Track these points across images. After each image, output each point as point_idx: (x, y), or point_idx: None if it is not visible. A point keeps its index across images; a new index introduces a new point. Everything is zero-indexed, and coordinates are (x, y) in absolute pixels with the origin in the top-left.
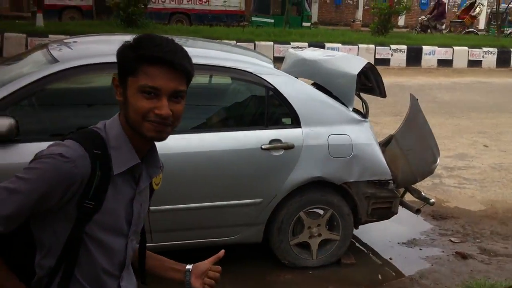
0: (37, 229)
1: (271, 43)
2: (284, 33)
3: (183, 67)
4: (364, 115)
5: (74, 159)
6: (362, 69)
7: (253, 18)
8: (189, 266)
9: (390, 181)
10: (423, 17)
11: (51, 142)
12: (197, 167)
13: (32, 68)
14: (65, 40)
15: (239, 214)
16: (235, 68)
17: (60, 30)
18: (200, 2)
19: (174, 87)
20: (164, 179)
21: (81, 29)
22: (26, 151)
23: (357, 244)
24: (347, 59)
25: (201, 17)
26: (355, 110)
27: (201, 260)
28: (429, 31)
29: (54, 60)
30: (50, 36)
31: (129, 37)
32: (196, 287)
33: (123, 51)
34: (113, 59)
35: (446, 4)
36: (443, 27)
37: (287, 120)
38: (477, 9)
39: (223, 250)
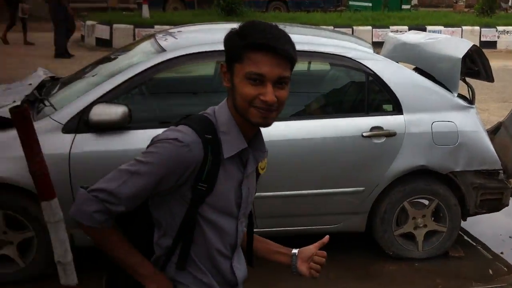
0: (155, 209)
1: (370, 27)
2: (383, 16)
3: (286, 52)
4: (470, 101)
5: (189, 143)
6: (467, 52)
7: (350, 3)
8: (295, 250)
9: (500, 171)
10: None
11: (163, 129)
12: (298, 155)
13: (141, 58)
14: (171, 30)
15: (341, 203)
16: (334, 54)
17: (164, 21)
18: None
19: (278, 73)
20: (268, 166)
21: (184, 18)
22: (139, 138)
23: (465, 237)
24: (451, 42)
25: (298, 4)
26: (460, 96)
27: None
28: None
29: (162, 50)
30: (156, 26)
31: (229, 26)
32: (302, 271)
33: (230, 38)
34: (217, 47)
35: None
36: None
37: (388, 107)
38: None
39: (327, 236)
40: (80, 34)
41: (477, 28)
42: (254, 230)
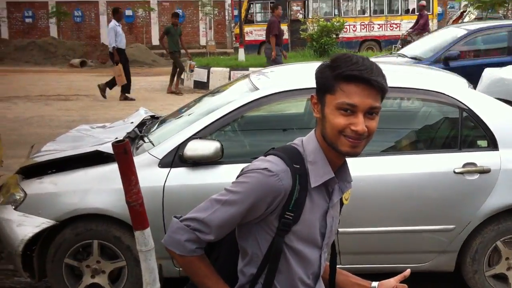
0: (242, 237)
1: None
2: None
3: (379, 83)
4: None
5: (278, 173)
6: None
7: None
8: (374, 284)
9: None
10: (405, 31)
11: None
12: (387, 190)
13: (235, 96)
14: (264, 70)
15: (430, 241)
16: (427, 90)
17: (258, 63)
18: (391, 28)
19: (370, 104)
20: (354, 200)
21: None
22: (230, 172)
23: None
24: None
25: (392, 43)
26: None
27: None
28: None
29: (255, 88)
30: (250, 68)
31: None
32: None
33: (322, 70)
34: (308, 85)
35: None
36: None
37: (482, 143)
38: (466, 18)
39: (409, 269)
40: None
41: None
42: (338, 266)
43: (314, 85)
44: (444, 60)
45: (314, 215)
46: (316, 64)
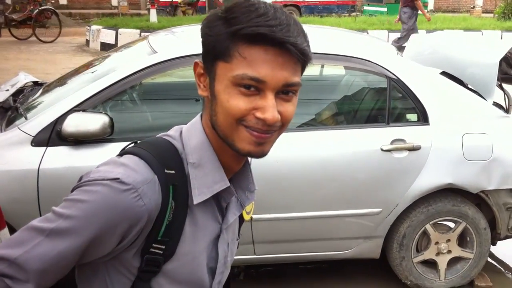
0: (83, 284)
1: (386, 31)
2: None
3: (299, 48)
4: (506, 109)
5: (137, 186)
6: (505, 55)
7: (365, 8)
8: None
9: None
10: None
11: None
12: (305, 171)
13: (131, 60)
14: (167, 30)
15: (354, 226)
16: (351, 56)
17: (172, 25)
18: None
19: (285, 78)
20: (268, 184)
21: (192, 23)
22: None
23: (493, 262)
24: (485, 44)
25: (312, 9)
26: (496, 104)
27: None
28: None
29: (153, 51)
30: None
31: None
32: None
33: (211, 23)
34: None
35: None
36: None
37: (412, 117)
38: None
39: None
40: (85, 38)
41: (498, 32)
42: (253, 257)
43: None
44: None
45: (199, 244)
46: None
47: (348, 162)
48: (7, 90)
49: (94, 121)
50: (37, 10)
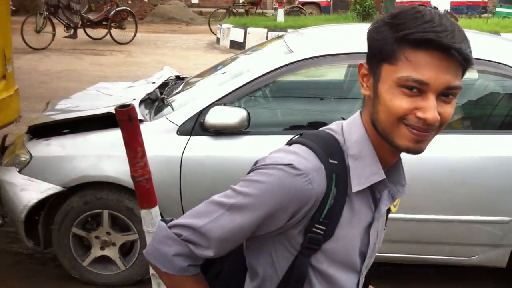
0: (251, 254)
1: None
2: None
3: (463, 53)
4: None
5: (308, 172)
6: None
7: (497, 9)
8: None
9: None
10: None
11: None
12: (435, 174)
13: (268, 58)
14: (301, 31)
15: (481, 233)
16: (486, 60)
17: (298, 25)
18: None
19: (447, 82)
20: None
21: (318, 23)
22: (256, 144)
23: None
24: None
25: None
26: None
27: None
28: None
29: (289, 51)
30: (289, 30)
31: (363, 26)
32: None
33: (378, 29)
34: (349, 49)
35: None
36: None
37: None
38: None
39: None
40: (216, 36)
41: None
42: (378, 254)
43: (359, 50)
44: None
45: (354, 229)
46: (361, 26)
47: (479, 168)
48: (154, 82)
49: (233, 115)
50: (114, 11)
